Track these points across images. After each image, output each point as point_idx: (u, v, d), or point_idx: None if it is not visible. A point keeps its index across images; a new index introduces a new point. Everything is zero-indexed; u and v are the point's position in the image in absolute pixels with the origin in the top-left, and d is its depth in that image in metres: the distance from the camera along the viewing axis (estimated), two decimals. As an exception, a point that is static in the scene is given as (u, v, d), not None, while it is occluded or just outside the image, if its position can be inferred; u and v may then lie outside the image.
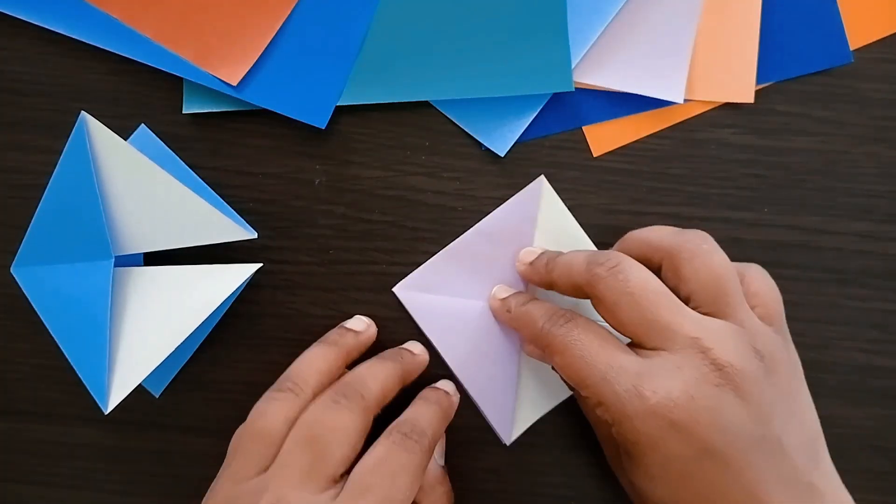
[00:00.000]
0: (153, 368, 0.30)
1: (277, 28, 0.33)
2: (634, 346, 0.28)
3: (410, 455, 0.27)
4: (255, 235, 0.31)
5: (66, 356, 0.30)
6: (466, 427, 0.34)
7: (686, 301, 0.28)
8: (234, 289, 0.31)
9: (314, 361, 0.30)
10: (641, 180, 0.35)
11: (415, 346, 0.33)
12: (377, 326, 0.33)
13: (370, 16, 0.34)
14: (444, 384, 0.32)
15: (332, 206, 0.34)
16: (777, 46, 0.35)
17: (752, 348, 0.26)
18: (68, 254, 0.31)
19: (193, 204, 0.30)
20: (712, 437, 0.25)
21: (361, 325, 0.33)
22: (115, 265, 0.31)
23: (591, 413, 0.32)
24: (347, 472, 0.27)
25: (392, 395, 0.30)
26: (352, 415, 0.27)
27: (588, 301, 0.29)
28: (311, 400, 0.29)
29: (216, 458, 0.34)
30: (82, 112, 0.30)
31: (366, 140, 0.35)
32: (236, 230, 0.31)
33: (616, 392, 0.26)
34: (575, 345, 0.28)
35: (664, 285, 0.27)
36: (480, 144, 0.34)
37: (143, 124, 0.34)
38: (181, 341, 0.30)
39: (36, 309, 0.31)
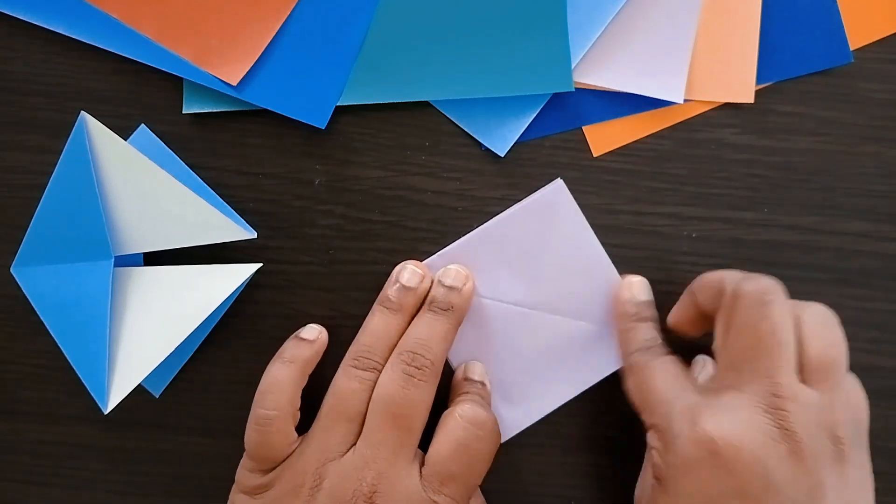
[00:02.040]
0: (153, 368, 0.30)
1: (277, 28, 0.33)
2: (714, 379, 0.29)
3: (483, 444, 0.30)
4: (255, 235, 0.31)
5: (66, 356, 0.30)
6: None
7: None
8: (234, 289, 0.31)
9: (385, 335, 0.31)
10: (641, 180, 0.35)
11: (457, 279, 0.32)
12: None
13: (370, 16, 0.34)
14: (478, 375, 0.33)
15: (332, 206, 0.34)
16: (777, 46, 0.35)
17: (830, 431, 0.26)
18: (68, 254, 0.31)
19: (193, 204, 0.30)
20: (750, 482, 0.25)
21: (416, 279, 0.32)
22: (115, 265, 0.31)
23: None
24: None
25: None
26: (427, 387, 0.30)
27: None
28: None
29: (216, 458, 0.34)
30: (82, 112, 0.30)
31: (366, 140, 0.35)
32: (236, 230, 0.31)
33: (670, 415, 0.28)
34: (651, 371, 0.30)
35: (792, 337, 0.27)
36: (480, 144, 0.34)
37: (142, 124, 0.34)
38: (181, 341, 0.30)
39: (36, 309, 0.31)
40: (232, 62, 0.33)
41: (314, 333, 0.33)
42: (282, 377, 0.31)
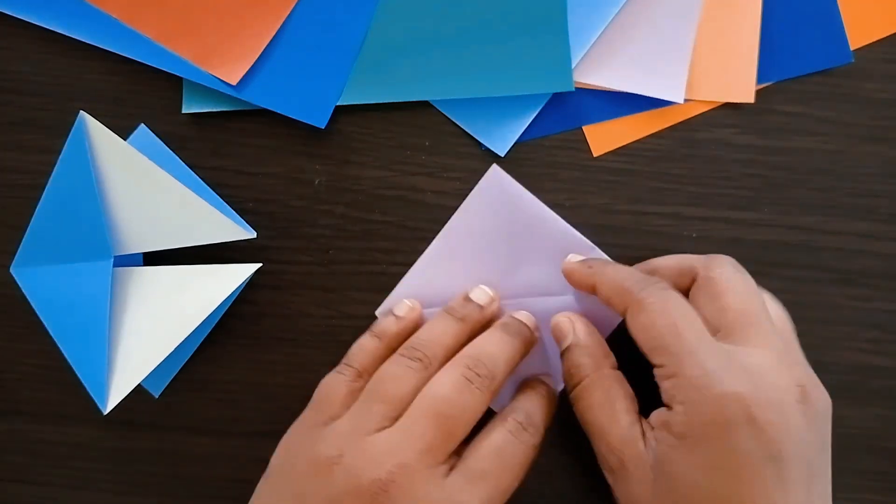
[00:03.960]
0: (152, 369, 0.30)
1: (277, 28, 0.33)
2: (721, 339, 0.27)
3: (525, 448, 0.28)
4: (255, 235, 0.31)
5: (66, 356, 0.30)
6: (466, 427, 0.34)
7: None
8: (234, 289, 0.31)
9: (442, 336, 0.30)
10: (641, 180, 0.35)
11: (528, 319, 0.32)
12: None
13: (370, 16, 0.34)
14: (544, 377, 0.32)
15: (332, 206, 0.34)
16: (777, 46, 0.35)
17: (820, 387, 0.27)
18: (68, 254, 0.31)
19: (193, 204, 0.30)
20: (785, 445, 0.25)
21: (486, 299, 0.32)
22: (115, 265, 0.31)
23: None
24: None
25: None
26: (482, 397, 0.28)
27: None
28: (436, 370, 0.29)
29: (216, 458, 0.34)
30: (81, 112, 0.30)
31: (366, 140, 0.35)
32: (236, 230, 0.31)
33: (704, 367, 0.26)
34: (669, 309, 0.27)
35: None
36: (480, 144, 0.34)
37: (142, 124, 0.34)
38: (181, 341, 0.30)
39: (35, 309, 0.31)
40: (231, 62, 0.33)
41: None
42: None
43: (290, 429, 0.30)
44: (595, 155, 0.35)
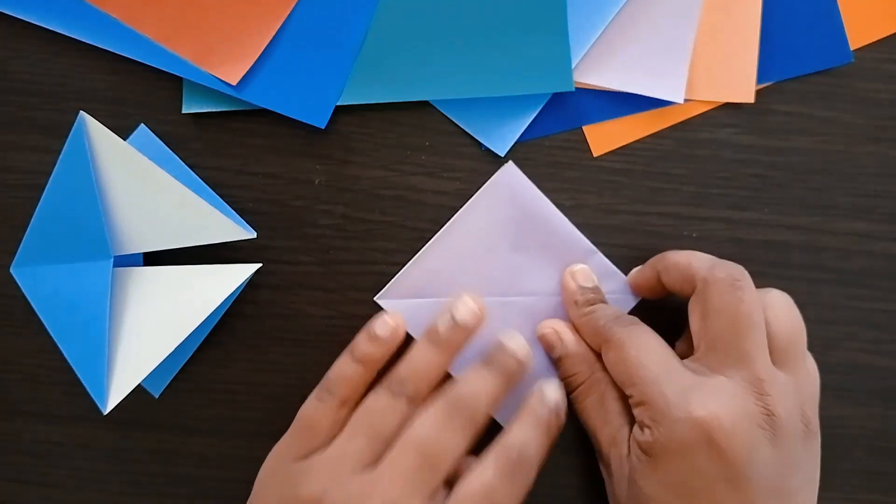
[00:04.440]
0: (152, 369, 0.30)
1: (277, 27, 0.33)
2: (695, 360, 0.29)
3: (516, 487, 0.28)
4: (255, 235, 0.31)
5: (66, 356, 0.30)
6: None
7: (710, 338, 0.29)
8: (234, 289, 0.31)
9: (427, 370, 0.30)
10: (641, 180, 0.35)
11: (519, 349, 0.30)
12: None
13: (370, 15, 0.34)
14: (552, 392, 0.30)
15: (332, 206, 0.34)
16: (777, 46, 0.35)
17: (801, 411, 0.28)
18: (68, 254, 0.31)
19: (193, 204, 0.30)
20: (741, 467, 0.26)
21: (471, 318, 0.30)
22: (115, 265, 0.31)
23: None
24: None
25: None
26: (465, 435, 0.28)
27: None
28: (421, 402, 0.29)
29: (216, 459, 0.34)
30: (81, 112, 0.30)
31: (366, 140, 0.35)
32: (236, 230, 0.31)
33: (665, 395, 0.27)
34: (633, 344, 0.29)
35: (763, 320, 0.28)
36: (480, 144, 0.34)
37: (142, 124, 0.34)
38: (181, 341, 0.30)
39: (35, 309, 0.31)
40: (232, 62, 0.33)
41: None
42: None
43: (270, 456, 0.30)
44: (595, 155, 0.35)
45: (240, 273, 0.31)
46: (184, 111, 0.34)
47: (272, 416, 0.34)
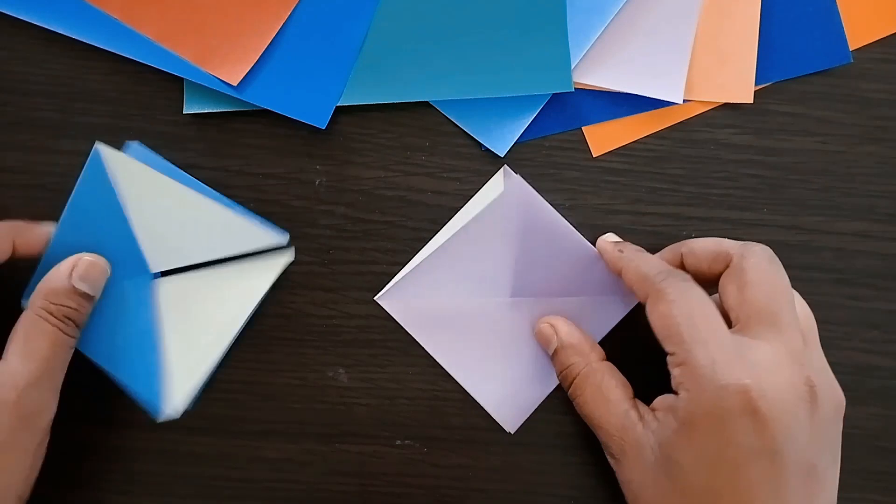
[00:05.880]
0: (210, 369, 0.32)
1: (278, 28, 0.33)
2: (736, 332, 0.28)
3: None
4: (287, 239, 0.32)
5: (112, 374, 0.31)
6: (467, 427, 0.34)
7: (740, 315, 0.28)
8: (274, 279, 0.32)
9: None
10: (641, 180, 0.35)
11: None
12: (377, 327, 0.34)
13: (370, 16, 0.34)
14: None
15: (332, 206, 0.34)
16: (776, 46, 0.35)
17: (834, 389, 0.28)
18: None
19: (221, 216, 0.32)
20: (782, 442, 0.26)
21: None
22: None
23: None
24: None
25: None
26: None
27: None
28: None
29: (216, 458, 0.34)
30: (97, 144, 0.31)
31: (366, 140, 0.35)
32: (268, 236, 0.32)
33: (711, 358, 0.26)
34: (686, 301, 0.28)
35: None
36: (480, 144, 0.34)
37: (137, 142, 0.33)
38: (234, 338, 0.32)
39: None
40: (232, 62, 0.33)
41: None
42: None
43: None
44: (595, 155, 0.35)
45: (277, 263, 0.32)
46: (185, 111, 0.34)
47: (273, 416, 0.34)
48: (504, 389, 0.34)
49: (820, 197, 0.35)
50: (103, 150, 0.31)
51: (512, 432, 0.34)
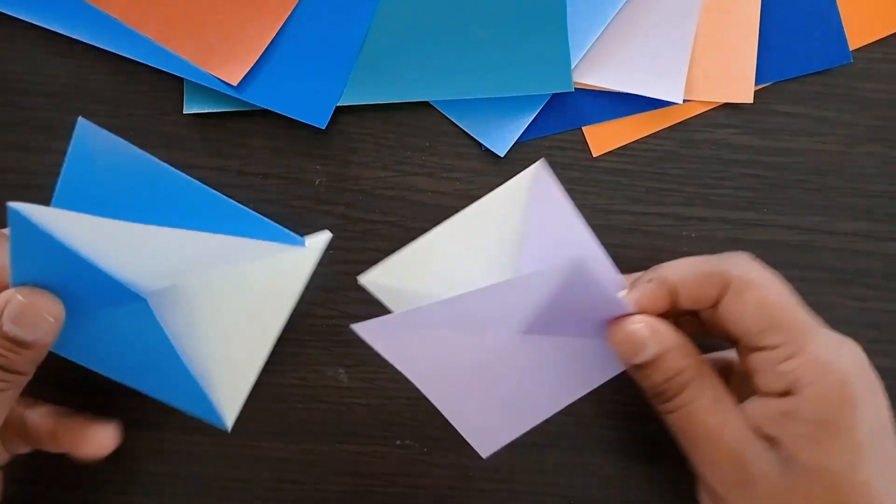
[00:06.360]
0: (260, 368, 0.30)
1: (278, 28, 0.33)
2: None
3: None
4: (304, 243, 0.31)
5: (147, 393, 0.30)
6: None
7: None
8: (314, 265, 0.31)
9: None
10: (641, 180, 0.35)
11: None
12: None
13: (370, 16, 0.34)
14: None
15: (333, 207, 0.34)
16: (776, 46, 0.35)
17: None
18: (95, 300, 0.28)
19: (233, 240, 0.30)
20: (888, 417, 0.25)
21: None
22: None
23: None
24: None
25: None
26: None
27: None
28: None
29: (216, 458, 0.34)
30: (12, 206, 0.25)
31: (366, 140, 0.35)
32: (283, 246, 0.30)
33: (825, 343, 0.24)
34: (773, 284, 0.26)
35: None
36: (480, 144, 0.34)
37: (86, 120, 0.29)
38: (278, 332, 0.31)
39: (72, 358, 0.29)
40: (232, 62, 0.33)
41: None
42: None
43: None
44: (595, 155, 0.35)
45: (313, 248, 0.31)
46: (184, 112, 0.34)
47: (273, 416, 0.34)
48: (485, 418, 0.30)
49: (820, 197, 0.35)
50: (22, 208, 0.24)
51: (485, 457, 0.30)
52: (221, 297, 0.31)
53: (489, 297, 0.28)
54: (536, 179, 0.31)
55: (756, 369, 0.25)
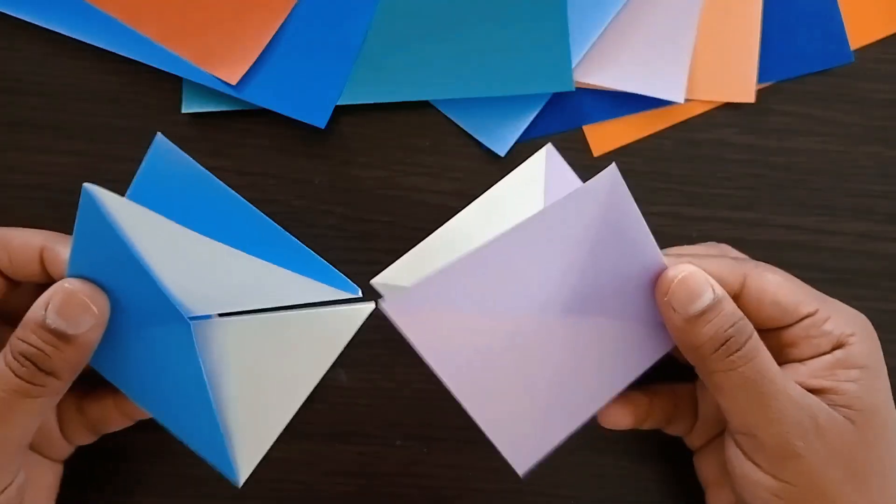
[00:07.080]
0: (283, 428, 0.28)
1: (277, 27, 0.33)
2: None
3: None
4: (359, 293, 0.29)
5: (169, 429, 0.28)
6: (467, 427, 0.34)
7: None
8: (354, 331, 0.29)
9: None
10: (641, 180, 0.35)
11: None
12: (377, 327, 0.33)
13: (370, 15, 0.34)
14: None
15: (332, 206, 0.34)
16: (778, 46, 0.35)
17: None
18: (131, 320, 0.27)
19: (255, 270, 0.27)
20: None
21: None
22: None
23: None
24: None
25: None
26: None
27: None
28: None
29: (216, 458, 0.34)
30: (85, 186, 0.24)
31: (366, 140, 0.35)
32: (334, 291, 0.28)
33: (845, 307, 0.28)
34: (782, 273, 0.28)
35: None
36: (480, 144, 0.34)
37: (162, 136, 0.29)
38: (306, 397, 0.28)
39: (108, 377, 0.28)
40: (231, 62, 0.33)
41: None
42: None
43: None
44: (595, 155, 0.35)
45: (356, 315, 0.29)
46: (183, 111, 0.34)
47: (272, 416, 0.34)
48: (522, 426, 0.29)
49: (820, 197, 0.35)
50: (96, 191, 0.23)
51: (521, 475, 0.29)
52: (261, 344, 0.28)
53: (523, 236, 0.25)
54: (549, 162, 0.30)
55: (800, 337, 0.26)
